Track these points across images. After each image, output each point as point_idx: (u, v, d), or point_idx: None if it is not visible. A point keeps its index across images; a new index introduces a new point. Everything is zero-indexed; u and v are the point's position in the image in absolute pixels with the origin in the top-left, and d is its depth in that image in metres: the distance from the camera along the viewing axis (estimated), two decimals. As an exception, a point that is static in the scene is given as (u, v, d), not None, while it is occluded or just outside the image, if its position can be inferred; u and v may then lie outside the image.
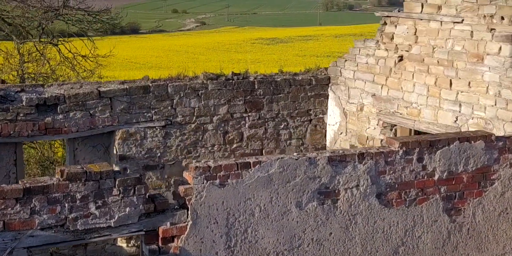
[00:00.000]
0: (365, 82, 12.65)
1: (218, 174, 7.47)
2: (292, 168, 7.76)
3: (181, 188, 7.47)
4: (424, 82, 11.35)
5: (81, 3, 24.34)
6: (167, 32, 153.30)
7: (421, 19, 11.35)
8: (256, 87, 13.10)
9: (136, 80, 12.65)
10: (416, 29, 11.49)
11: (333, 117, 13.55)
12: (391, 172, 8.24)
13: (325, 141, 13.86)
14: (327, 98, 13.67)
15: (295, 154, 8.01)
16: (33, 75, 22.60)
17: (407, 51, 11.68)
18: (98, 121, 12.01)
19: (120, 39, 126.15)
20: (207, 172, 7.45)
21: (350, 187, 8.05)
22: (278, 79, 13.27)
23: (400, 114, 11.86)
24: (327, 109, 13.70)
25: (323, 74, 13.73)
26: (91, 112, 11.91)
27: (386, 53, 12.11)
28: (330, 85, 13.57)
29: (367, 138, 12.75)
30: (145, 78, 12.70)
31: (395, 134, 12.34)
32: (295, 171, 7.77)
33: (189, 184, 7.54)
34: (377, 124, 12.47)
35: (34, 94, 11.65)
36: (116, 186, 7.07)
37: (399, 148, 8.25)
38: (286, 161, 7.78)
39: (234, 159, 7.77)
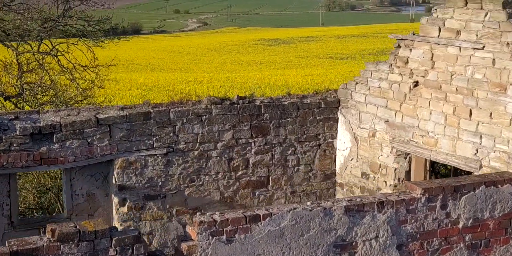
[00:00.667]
0: (377, 107, 12.00)
1: (224, 229, 6.83)
2: (305, 220, 7.12)
3: (184, 246, 6.82)
4: (441, 110, 10.70)
5: (81, 12, 23.75)
6: (169, 33, 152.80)
7: (438, 44, 10.69)
8: (262, 111, 12.45)
9: (137, 105, 12.02)
10: (432, 54, 10.83)
11: (343, 142, 12.90)
12: (412, 221, 7.61)
13: (335, 167, 13.22)
14: (337, 122, 13.03)
15: (308, 203, 7.36)
16: (32, 85, 21.99)
17: (423, 76, 11.03)
18: (96, 149, 11.38)
19: (122, 41, 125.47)
20: (212, 227, 6.80)
21: (369, 238, 7.42)
22: (286, 103, 12.62)
23: (416, 143, 11.20)
24: (336, 133, 13.06)
25: (332, 96, 13.08)
26: (88, 140, 11.28)
27: (400, 78, 11.46)
28: (340, 108, 12.92)
29: (380, 166, 12.10)
30: (145, 103, 12.06)
31: (409, 162, 11.69)
32: (309, 224, 7.14)
33: (192, 240, 6.89)
34: (390, 152, 11.82)
35: (29, 122, 11.02)
36: (113, 246, 6.42)
37: (421, 195, 7.61)
38: (299, 212, 7.14)
39: (242, 211, 7.10)
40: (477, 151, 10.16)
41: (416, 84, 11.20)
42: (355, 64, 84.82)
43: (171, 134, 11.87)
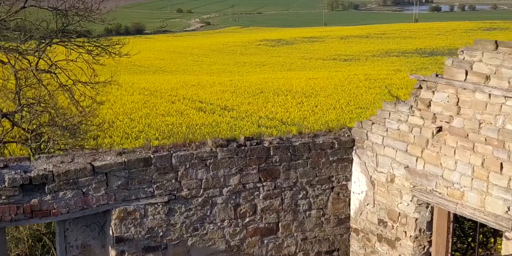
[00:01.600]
0: (396, 151, 11.10)
1: None
2: None
3: None
4: (468, 161, 9.78)
5: (82, 28, 22.93)
6: (172, 33, 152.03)
7: (465, 89, 9.76)
8: (271, 154, 11.56)
9: (136, 148, 11.11)
10: (458, 99, 9.92)
11: (358, 185, 12.01)
12: None
13: (349, 211, 12.33)
14: (351, 163, 12.14)
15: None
16: (31, 101, 21.16)
17: (448, 122, 10.11)
18: (92, 200, 10.51)
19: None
20: None
21: None
22: (296, 144, 11.73)
23: (439, 193, 10.30)
24: (351, 175, 12.17)
25: (346, 135, 12.18)
26: (83, 190, 10.41)
27: (422, 122, 10.55)
28: (354, 148, 12.03)
29: (399, 215, 11.21)
30: (146, 146, 11.15)
31: (431, 212, 10.80)
32: None
33: None
34: (410, 200, 10.92)
35: (19, 171, 10.13)
36: None
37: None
38: None
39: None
40: (509, 209, 9.26)
41: (440, 129, 10.29)
42: (358, 66, 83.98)
43: (173, 181, 10.99)
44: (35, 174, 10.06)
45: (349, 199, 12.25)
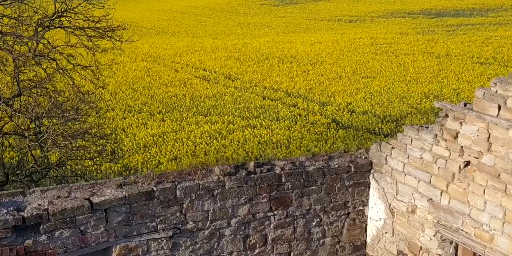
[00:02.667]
0: (418, 181, 10.27)
1: None
2: None
3: None
4: (499, 203, 8.96)
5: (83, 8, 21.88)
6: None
7: (497, 124, 8.87)
8: (283, 181, 10.77)
9: (138, 178, 10.27)
10: (489, 135, 9.03)
11: (376, 211, 11.22)
12: None
13: (365, 237, 11.57)
14: (368, 186, 11.33)
15: None
16: (31, 82, 20.30)
17: (476, 157, 9.26)
18: (90, 238, 9.77)
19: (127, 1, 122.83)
20: None
21: None
22: (310, 169, 10.91)
23: (466, 233, 9.51)
24: (368, 199, 11.37)
25: (363, 157, 11.33)
26: (81, 228, 9.66)
27: (448, 153, 9.69)
28: (372, 172, 11.20)
29: (421, 249, 10.45)
30: (148, 175, 10.32)
31: (455, 249, 10.02)
32: None
33: None
34: (434, 235, 10.14)
35: (11, 209, 9.35)
36: None
37: None
38: None
39: None
40: (544, 260, 8.48)
41: (467, 164, 9.43)
42: (364, 28, 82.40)
43: (178, 214, 10.22)
44: (29, 214, 9.29)
45: (366, 224, 11.49)
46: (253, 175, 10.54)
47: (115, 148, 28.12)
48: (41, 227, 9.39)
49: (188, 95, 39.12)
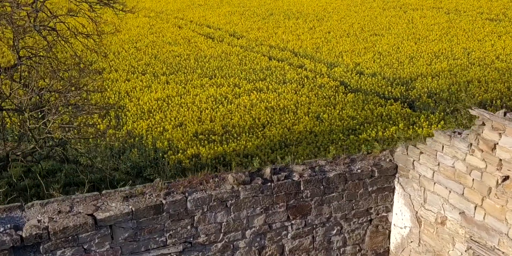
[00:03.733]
0: (449, 191, 9.46)
1: None
2: None
3: None
4: (543, 226, 8.17)
5: None
6: None
7: (544, 140, 8.02)
8: (301, 188, 9.95)
9: (145, 188, 9.45)
10: (533, 150, 8.18)
11: (400, 218, 10.44)
12: None
13: (388, 244, 10.82)
14: (393, 191, 10.53)
15: None
16: (32, 50, 19.44)
17: (518, 174, 8.42)
18: (95, 256, 8.99)
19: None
20: None
21: None
22: (331, 175, 10.07)
23: (503, 253, 8.72)
24: (392, 205, 10.58)
25: (388, 160, 10.49)
26: (85, 247, 8.90)
27: (484, 165, 8.84)
28: (397, 176, 10.38)
29: (450, 263, 9.69)
30: (156, 184, 9.50)
31: (489, 266, 9.27)
32: None
33: None
34: (465, 251, 9.37)
35: (8, 227, 8.57)
36: None
37: None
38: None
39: None
40: None
41: (506, 178, 8.60)
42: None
43: (189, 227, 9.45)
44: (28, 234, 8.52)
45: (389, 231, 10.73)
46: (269, 183, 9.73)
47: (119, 113, 27.25)
48: (41, 246, 8.63)
49: (192, 55, 38.04)
